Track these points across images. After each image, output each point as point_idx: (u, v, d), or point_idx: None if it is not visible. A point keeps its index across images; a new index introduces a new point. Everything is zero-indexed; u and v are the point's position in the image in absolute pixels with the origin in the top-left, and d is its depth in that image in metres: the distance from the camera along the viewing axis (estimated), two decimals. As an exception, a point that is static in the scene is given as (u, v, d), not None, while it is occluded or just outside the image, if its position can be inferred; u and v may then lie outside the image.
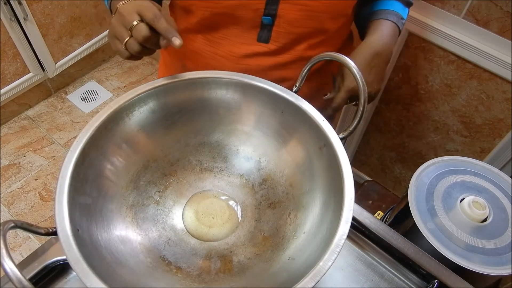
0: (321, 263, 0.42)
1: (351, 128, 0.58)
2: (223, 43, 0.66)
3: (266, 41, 0.65)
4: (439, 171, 0.72)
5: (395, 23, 0.68)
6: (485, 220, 0.66)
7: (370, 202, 1.04)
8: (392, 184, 1.45)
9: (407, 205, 0.68)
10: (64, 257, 0.42)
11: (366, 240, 0.63)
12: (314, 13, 0.61)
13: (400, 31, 0.70)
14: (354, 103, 0.67)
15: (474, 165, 0.73)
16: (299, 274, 0.43)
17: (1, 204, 1.55)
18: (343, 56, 0.55)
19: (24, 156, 1.69)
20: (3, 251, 0.38)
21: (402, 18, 0.69)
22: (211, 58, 0.68)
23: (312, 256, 0.47)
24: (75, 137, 0.52)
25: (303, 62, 0.65)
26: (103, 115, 0.54)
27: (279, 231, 0.56)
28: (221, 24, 0.65)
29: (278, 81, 0.60)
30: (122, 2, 0.52)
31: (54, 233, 0.44)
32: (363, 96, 0.55)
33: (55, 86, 1.89)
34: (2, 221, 0.43)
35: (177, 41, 0.50)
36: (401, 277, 0.60)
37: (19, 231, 0.42)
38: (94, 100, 1.89)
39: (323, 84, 0.76)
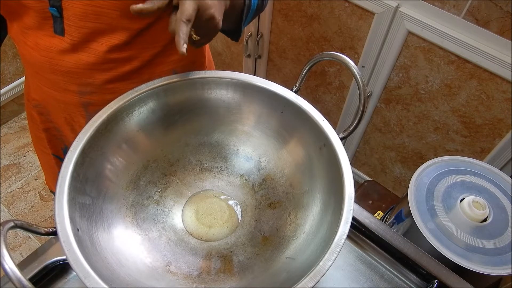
0: (321, 263, 0.42)
1: (351, 128, 0.58)
2: (29, 32, 0.63)
3: (62, 33, 0.61)
4: (439, 171, 0.72)
5: None
6: (485, 220, 0.66)
7: (370, 202, 1.05)
8: (392, 184, 1.45)
9: (407, 205, 0.68)
10: (64, 257, 0.43)
11: (366, 240, 0.63)
12: (101, 9, 0.58)
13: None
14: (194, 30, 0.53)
15: (474, 165, 0.73)
16: (299, 274, 0.43)
17: (1, 204, 1.55)
18: (343, 56, 0.55)
19: (24, 156, 1.69)
20: (3, 251, 0.38)
21: None
22: (24, 49, 0.66)
23: (312, 256, 0.47)
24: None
25: (108, 66, 0.62)
26: (103, 115, 0.54)
27: (279, 231, 0.56)
28: (18, 12, 0.62)
29: (84, 94, 0.58)
30: None
31: (54, 233, 0.44)
32: (363, 96, 0.55)
33: (55, 86, 1.89)
34: (2, 221, 0.43)
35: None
36: (401, 277, 0.60)
37: (19, 231, 0.42)
38: (94, 100, 1.89)
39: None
